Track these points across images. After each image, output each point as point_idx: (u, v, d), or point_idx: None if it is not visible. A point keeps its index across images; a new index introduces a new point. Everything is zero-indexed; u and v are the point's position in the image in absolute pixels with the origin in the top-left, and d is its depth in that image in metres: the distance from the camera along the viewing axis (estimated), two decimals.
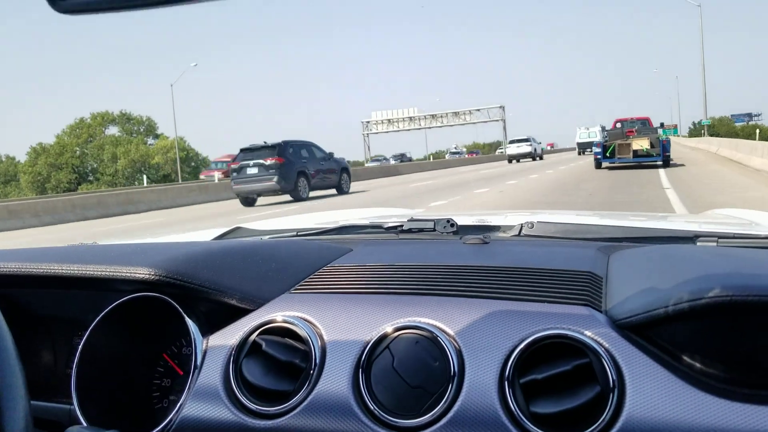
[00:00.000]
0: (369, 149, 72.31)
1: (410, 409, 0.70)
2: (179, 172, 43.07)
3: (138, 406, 0.90)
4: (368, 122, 73.24)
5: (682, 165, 17.43)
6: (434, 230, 1.20)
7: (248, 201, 14.17)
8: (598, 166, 18.46)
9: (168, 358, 0.93)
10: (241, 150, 14.24)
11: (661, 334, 0.67)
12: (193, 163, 54.62)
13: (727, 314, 0.61)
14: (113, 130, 55.84)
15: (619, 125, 19.72)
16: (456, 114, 70.30)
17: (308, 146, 14.78)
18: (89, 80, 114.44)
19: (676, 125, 16.37)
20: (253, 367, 0.78)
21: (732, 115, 78.62)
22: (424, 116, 71.12)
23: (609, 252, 0.98)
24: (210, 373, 0.80)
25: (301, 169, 13.92)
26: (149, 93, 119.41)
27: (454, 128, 72.35)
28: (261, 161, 13.46)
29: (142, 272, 0.85)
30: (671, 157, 17.59)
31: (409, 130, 71.61)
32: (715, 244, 1.05)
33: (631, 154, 17.17)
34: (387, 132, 72.38)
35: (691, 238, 1.09)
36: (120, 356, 0.91)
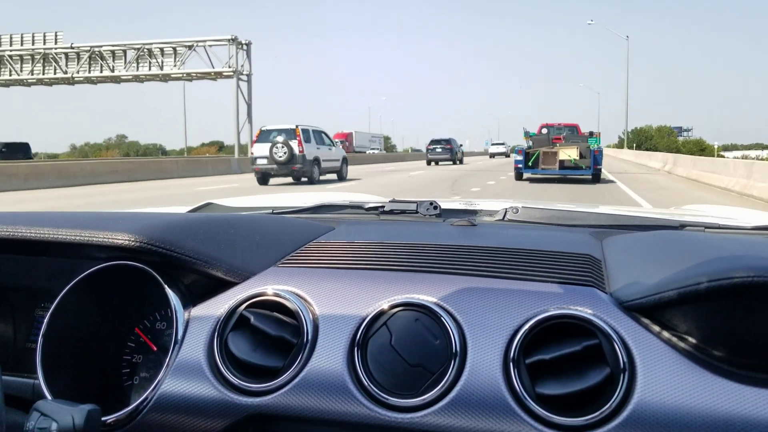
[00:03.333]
0: None
1: (409, 388, 0.68)
2: None
3: (106, 382, 0.84)
4: None
5: None
6: (417, 212, 1.18)
7: (430, 162, 31.62)
8: (519, 177, 15.62)
9: (141, 333, 0.87)
10: (432, 140, 32.23)
11: (668, 316, 0.66)
12: None
13: (744, 296, 0.60)
14: None
15: (545, 131, 16.95)
16: (142, 52, 32.00)
17: (454, 140, 32.57)
18: None
19: (599, 134, 14.41)
20: (240, 341, 0.74)
21: (673, 128, 75.91)
22: (73, 51, 32.29)
23: (600, 237, 0.97)
24: (192, 348, 0.75)
25: (456, 150, 31.92)
26: None
27: (148, 86, 35.88)
28: (443, 146, 31.50)
29: (121, 238, 0.78)
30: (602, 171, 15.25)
31: (50, 82, 33.42)
32: (702, 233, 1.04)
33: (557, 164, 14.61)
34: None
35: (676, 227, 1.09)
36: (89, 329, 0.85)
